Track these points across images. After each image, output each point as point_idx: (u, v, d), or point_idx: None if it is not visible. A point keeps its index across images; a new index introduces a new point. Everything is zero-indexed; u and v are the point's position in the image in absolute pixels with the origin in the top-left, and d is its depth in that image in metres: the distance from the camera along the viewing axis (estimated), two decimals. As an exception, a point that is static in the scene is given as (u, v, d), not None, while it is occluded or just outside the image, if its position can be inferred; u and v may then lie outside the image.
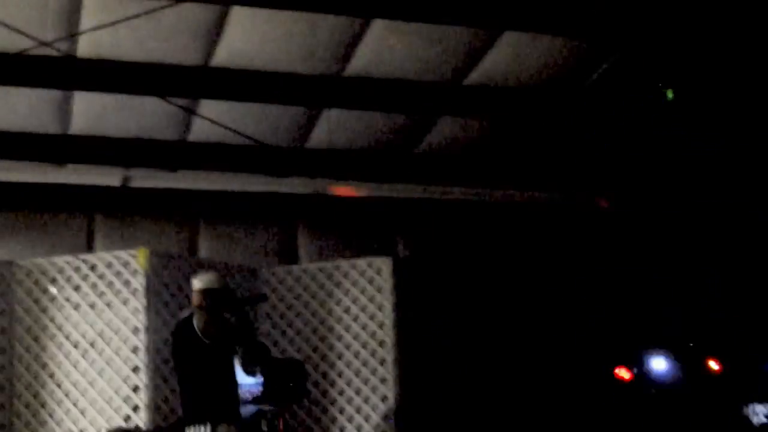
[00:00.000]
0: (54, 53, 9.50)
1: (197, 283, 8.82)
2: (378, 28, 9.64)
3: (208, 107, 10.71)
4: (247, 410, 9.58)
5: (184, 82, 10.15)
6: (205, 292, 8.74)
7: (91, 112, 10.82)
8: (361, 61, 10.11)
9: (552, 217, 12.46)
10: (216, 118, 10.66)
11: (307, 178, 11.71)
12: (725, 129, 11.12)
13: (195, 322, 8.64)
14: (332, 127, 11.11)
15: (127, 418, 10.22)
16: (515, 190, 12.17)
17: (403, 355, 10.83)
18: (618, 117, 10.95)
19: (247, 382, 9.72)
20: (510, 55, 10.04)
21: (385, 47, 9.88)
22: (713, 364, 12.14)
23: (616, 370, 12.04)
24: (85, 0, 9.03)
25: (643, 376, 12.06)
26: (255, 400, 10.29)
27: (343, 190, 11.82)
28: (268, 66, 10.10)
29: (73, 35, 9.35)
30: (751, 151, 11.50)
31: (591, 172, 12.03)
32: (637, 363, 12.09)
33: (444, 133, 11.57)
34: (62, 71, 9.94)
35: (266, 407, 10.13)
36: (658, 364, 12.09)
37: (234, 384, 8.74)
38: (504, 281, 11.97)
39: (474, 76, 10.47)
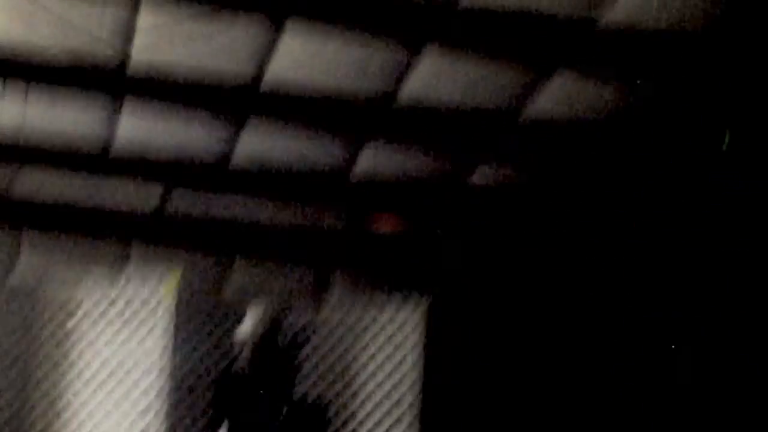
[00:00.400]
0: (107, 60, 9.45)
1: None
2: (430, 57, 9.46)
3: (252, 135, 10.63)
4: None
5: (233, 102, 10.10)
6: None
7: (136, 131, 10.69)
8: (412, 91, 9.89)
9: (596, 267, 12.29)
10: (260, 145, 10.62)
11: (346, 211, 11.62)
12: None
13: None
14: (377, 159, 11.04)
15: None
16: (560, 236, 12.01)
17: (428, 404, 10.66)
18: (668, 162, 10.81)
19: None
20: (561, 95, 9.84)
21: (438, 77, 9.74)
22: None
23: None
24: (139, 19, 8.97)
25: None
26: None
27: (384, 224, 11.71)
28: (316, 91, 9.98)
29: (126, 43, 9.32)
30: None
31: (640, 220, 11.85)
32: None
33: (489, 171, 11.38)
34: (114, 79, 9.88)
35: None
36: None
37: None
38: (542, 330, 11.79)
39: (526, 113, 10.19)
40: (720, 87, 9.35)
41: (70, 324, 10.50)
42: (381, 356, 10.81)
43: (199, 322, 10.44)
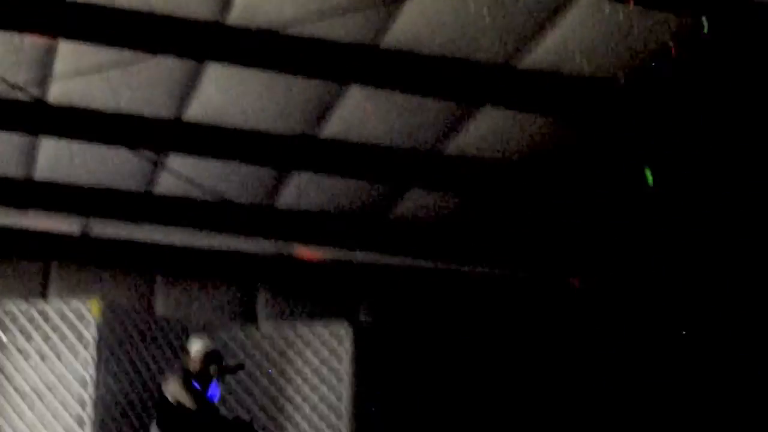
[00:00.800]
0: (24, 98, 9.31)
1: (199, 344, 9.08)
2: (355, 93, 9.46)
3: (177, 160, 10.52)
4: None
5: (155, 134, 9.94)
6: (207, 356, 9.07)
7: (58, 158, 10.56)
8: (337, 125, 9.94)
9: (520, 293, 12.41)
10: (184, 172, 10.49)
11: (271, 239, 11.54)
12: (700, 210, 11.09)
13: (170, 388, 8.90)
14: (301, 188, 10.96)
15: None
16: (484, 266, 12.10)
17: (358, 422, 10.75)
18: (592, 196, 10.90)
19: None
20: (487, 130, 9.88)
21: (362, 113, 9.74)
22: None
23: None
24: (60, 47, 8.81)
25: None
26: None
27: (308, 253, 11.70)
28: (240, 123, 9.93)
29: (44, 82, 9.17)
30: (727, 225, 11.46)
31: (563, 252, 11.98)
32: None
33: (415, 203, 11.40)
34: (31, 116, 9.75)
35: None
36: None
37: None
38: (467, 356, 11.89)
39: (451, 148, 10.28)
40: (639, 128, 9.48)
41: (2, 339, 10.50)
42: (315, 366, 10.90)
43: (125, 338, 10.45)
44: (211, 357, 9.21)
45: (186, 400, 8.92)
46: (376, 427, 10.78)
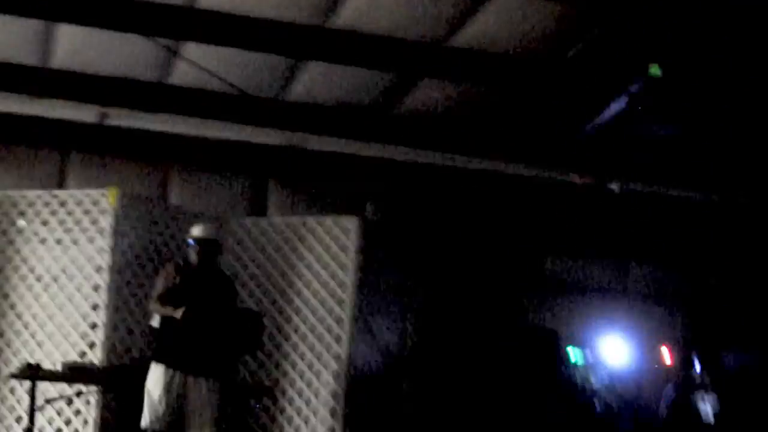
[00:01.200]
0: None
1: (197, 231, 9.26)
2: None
3: (192, 50, 10.57)
4: None
5: (170, 21, 10.00)
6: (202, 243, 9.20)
7: (74, 45, 10.65)
8: (348, 14, 10.00)
9: (525, 190, 12.49)
10: (199, 62, 10.60)
11: (283, 130, 11.62)
12: (712, 106, 11.10)
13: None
14: (313, 80, 11.05)
15: (83, 355, 10.23)
16: (490, 160, 12.19)
17: (361, 315, 10.83)
18: (602, 91, 10.95)
19: None
20: (498, 19, 9.93)
21: (373, 1, 9.83)
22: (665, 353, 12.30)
23: None
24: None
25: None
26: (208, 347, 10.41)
27: (318, 144, 11.79)
28: (254, 11, 9.99)
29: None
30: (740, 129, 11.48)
31: (570, 148, 12.04)
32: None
33: (425, 95, 11.48)
34: (48, 1, 9.89)
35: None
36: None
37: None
38: (471, 251, 12.02)
39: (461, 39, 10.34)
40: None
41: (13, 231, 10.71)
42: (326, 257, 11.05)
43: (140, 226, 10.63)
44: (207, 244, 9.30)
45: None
46: (376, 317, 10.95)
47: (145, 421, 9.01)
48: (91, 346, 10.26)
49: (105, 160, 11.89)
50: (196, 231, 9.41)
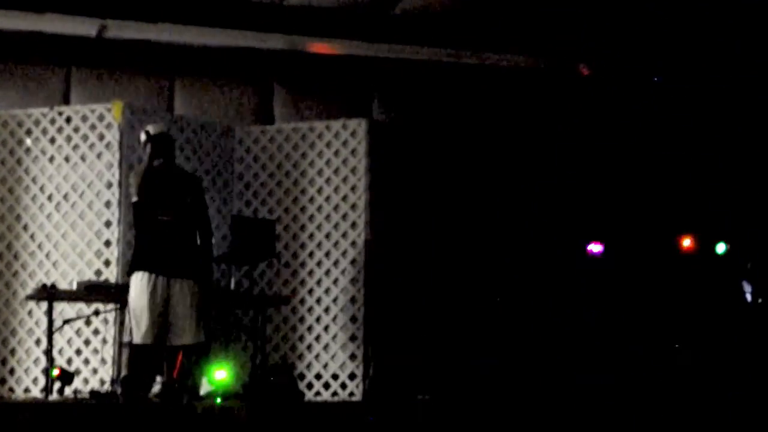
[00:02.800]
0: None
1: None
2: None
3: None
4: None
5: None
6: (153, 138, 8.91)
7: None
8: None
9: (530, 83, 12.25)
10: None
11: (284, 34, 11.36)
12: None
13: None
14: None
15: (98, 272, 10.15)
16: (495, 54, 11.92)
17: (374, 219, 10.69)
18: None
19: None
20: None
21: None
22: (686, 242, 12.22)
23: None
24: None
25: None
26: (222, 258, 10.38)
27: (320, 47, 11.59)
28: None
29: None
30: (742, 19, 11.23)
31: (574, 38, 11.77)
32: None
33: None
34: None
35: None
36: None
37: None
38: (479, 148, 11.84)
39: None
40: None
41: (20, 150, 10.55)
42: (337, 161, 10.91)
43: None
44: (158, 139, 8.96)
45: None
46: (390, 221, 10.83)
47: (135, 336, 8.74)
48: (107, 263, 10.15)
49: (108, 74, 11.61)
50: (149, 128, 9.07)
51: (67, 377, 9.37)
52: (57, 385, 9.31)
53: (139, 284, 8.76)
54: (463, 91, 12.20)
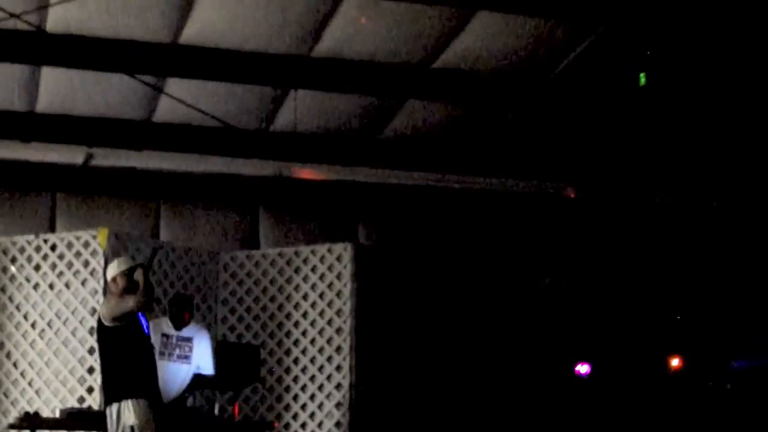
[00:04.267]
0: (23, 27, 9.22)
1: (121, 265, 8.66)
2: (349, 6, 9.36)
3: (175, 86, 10.32)
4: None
5: (152, 59, 9.76)
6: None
7: (58, 89, 10.46)
8: (331, 41, 9.83)
9: (517, 206, 12.30)
10: (183, 98, 10.42)
11: (270, 160, 11.37)
12: (700, 115, 10.97)
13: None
14: (298, 109, 10.75)
15: (82, 400, 9.99)
16: (480, 178, 11.98)
17: (360, 344, 10.57)
18: (588, 104, 10.80)
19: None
20: (481, 38, 9.79)
21: (355, 27, 9.67)
22: (675, 362, 12.14)
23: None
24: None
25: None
26: (207, 384, 10.23)
27: (306, 173, 11.65)
28: (236, 45, 9.81)
29: (41, 8, 9.09)
30: (728, 138, 11.34)
31: (559, 161, 11.83)
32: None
33: (411, 118, 11.27)
34: (31, 45, 9.56)
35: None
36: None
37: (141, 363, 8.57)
38: (466, 270, 11.82)
39: (444, 59, 10.17)
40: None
41: (5, 278, 10.47)
42: (322, 286, 10.84)
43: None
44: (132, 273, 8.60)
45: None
46: (375, 343, 10.75)
47: None
48: (90, 390, 9.98)
49: (94, 201, 11.67)
50: (122, 264, 8.75)
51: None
52: None
53: (142, 411, 8.45)
54: (449, 212, 12.25)
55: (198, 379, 9.67)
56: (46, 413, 9.58)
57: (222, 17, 9.45)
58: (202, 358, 9.64)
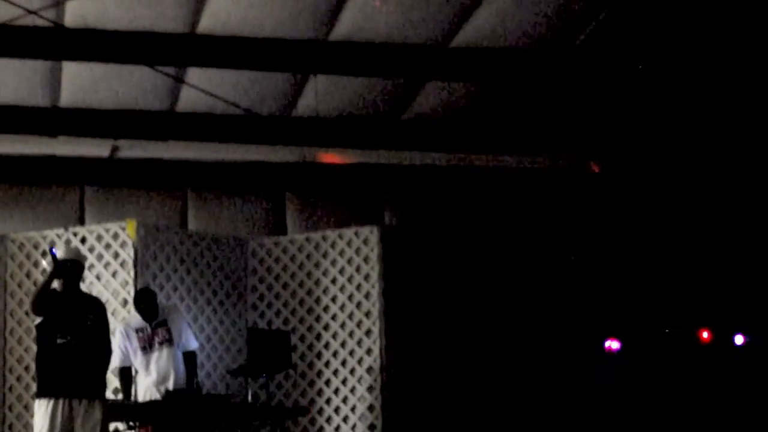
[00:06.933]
0: (42, 23, 9.18)
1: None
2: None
3: (196, 76, 10.27)
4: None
5: (171, 49, 9.70)
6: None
7: (80, 83, 10.43)
8: (347, 25, 9.73)
9: (541, 183, 12.16)
10: (203, 87, 10.38)
11: (294, 146, 11.25)
12: (715, 88, 10.80)
13: None
14: (319, 94, 10.69)
15: (116, 391, 10.11)
16: (504, 155, 11.81)
17: (389, 326, 10.45)
18: (608, 78, 10.65)
19: None
20: (497, 13, 9.64)
21: (371, 9, 9.55)
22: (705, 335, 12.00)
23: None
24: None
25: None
26: (239, 371, 10.21)
27: (330, 157, 11.58)
28: (253, 32, 9.74)
29: (59, 3, 9.09)
30: (741, 111, 11.17)
31: (581, 136, 11.63)
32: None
33: (431, 98, 11.15)
34: (50, 41, 9.53)
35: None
36: None
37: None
38: (492, 249, 11.68)
39: (461, 37, 10.02)
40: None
41: (37, 272, 10.48)
42: (350, 269, 10.78)
43: (160, 256, 10.41)
44: (65, 265, 8.48)
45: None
46: (404, 325, 10.65)
47: None
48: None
49: (121, 192, 11.65)
50: (57, 251, 8.60)
51: None
52: None
53: (40, 412, 8.30)
54: (473, 192, 12.11)
55: (189, 359, 9.64)
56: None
57: (237, 5, 9.37)
58: (180, 334, 9.58)
